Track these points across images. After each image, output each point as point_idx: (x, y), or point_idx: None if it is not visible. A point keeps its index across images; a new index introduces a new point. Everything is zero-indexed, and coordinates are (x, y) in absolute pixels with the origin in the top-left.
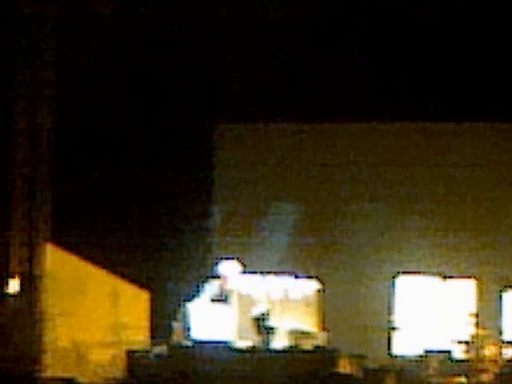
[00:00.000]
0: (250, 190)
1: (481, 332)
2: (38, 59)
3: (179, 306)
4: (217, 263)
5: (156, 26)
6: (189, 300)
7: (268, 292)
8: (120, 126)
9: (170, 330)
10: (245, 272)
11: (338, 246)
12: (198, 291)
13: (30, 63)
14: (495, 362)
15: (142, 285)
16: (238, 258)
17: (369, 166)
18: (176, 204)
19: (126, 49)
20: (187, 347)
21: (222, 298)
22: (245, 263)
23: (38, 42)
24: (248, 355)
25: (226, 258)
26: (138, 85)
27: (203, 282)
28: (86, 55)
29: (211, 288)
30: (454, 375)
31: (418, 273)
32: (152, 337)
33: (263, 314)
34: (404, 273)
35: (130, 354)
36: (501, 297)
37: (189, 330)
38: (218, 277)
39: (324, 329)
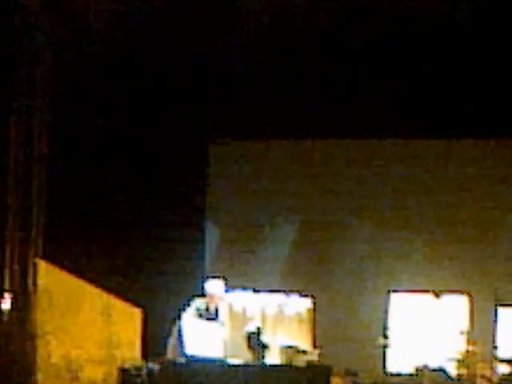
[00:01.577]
0: (243, 207)
1: (474, 349)
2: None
3: (172, 323)
4: (203, 282)
5: (149, 43)
6: (181, 317)
7: (261, 309)
8: (114, 145)
9: (163, 347)
10: (238, 289)
11: (330, 263)
12: (189, 309)
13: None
14: (489, 379)
15: (135, 302)
16: (224, 277)
17: (363, 183)
18: (170, 221)
19: (124, 61)
20: (180, 364)
21: (211, 316)
22: (238, 280)
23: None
24: (241, 372)
25: (213, 277)
26: (132, 101)
27: (190, 300)
28: (84, 62)
29: (198, 306)
30: None
31: (411, 290)
32: (145, 354)
33: (256, 331)
34: (397, 290)
35: (123, 371)
36: (494, 313)
37: (182, 346)
38: (204, 295)
39: (317, 345)
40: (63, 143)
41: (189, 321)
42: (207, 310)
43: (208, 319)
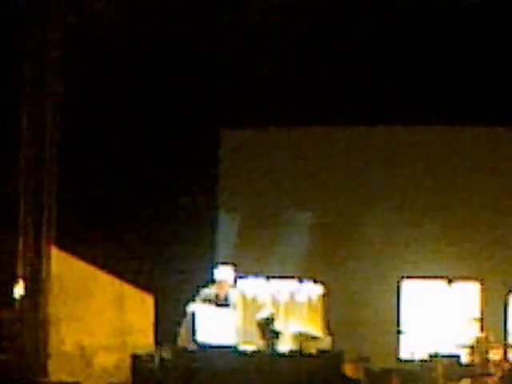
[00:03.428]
0: (255, 194)
1: (486, 335)
2: (42, 59)
3: (184, 309)
4: (213, 268)
5: (161, 28)
6: (192, 304)
7: (273, 296)
8: (125, 130)
9: (175, 334)
10: (250, 275)
11: (342, 250)
12: (198, 296)
13: (35, 63)
14: (501, 365)
15: (146, 288)
16: (234, 264)
17: (374, 170)
18: (181, 207)
19: (131, 50)
20: (192, 351)
21: (222, 302)
22: (250, 267)
23: (42, 40)
24: (253, 359)
25: (223, 264)
26: (144, 88)
27: (202, 287)
28: (91, 58)
29: (208, 293)
30: (460, 379)
31: (424, 276)
32: (157, 341)
33: (268, 318)
34: (409, 277)
35: (136, 357)
36: (506, 300)
37: (194, 333)
38: (214, 282)
39: (329, 332)
40: (75, 130)
41: (200, 308)
42: (217, 296)
43: (219, 306)
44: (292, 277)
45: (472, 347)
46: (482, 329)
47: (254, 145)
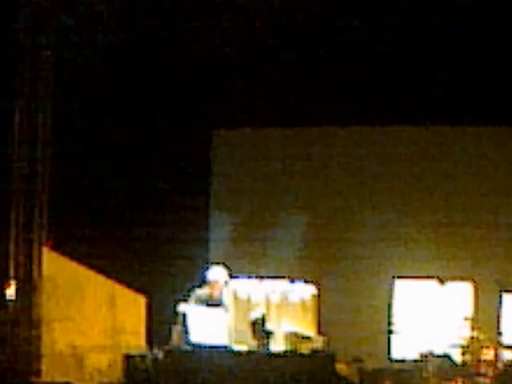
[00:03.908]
0: (248, 194)
1: (479, 335)
2: (36, 59)
3: (177, 310)
4: (207, 269)
5: (156, 30)
6: (185, 304)
7: (266, 295)
8: (118, 130)
9: (167, 334)
10: (242, 276)
11: (335, 250)
12: (191, 296)
13: (29, 63)
14: (493, 365)
15: (139, 289)
16: (226, 264)
17: (367, 171)
18: (173, 209)
19: (126, 52)
20: (185, 351)
21: (215, 303)
22: (242, 267)
23: (36, 41)
24: (246, 359)
25: (216, 264)
26: (140, 89)
27: (194, 287)
28: (86, 57)
29: (200, 293)
30: (452, 378)
31: (416, 276)
32: (149, 341)
33: (260, 318)
34: (402, 277)
35: (128, 358)
36: (499, 299)
37: (187, 334)
38: (207, 282)
39: (322, 332)
40: (68, 129)
41: (193, 308)
42: (210, 297)
43: (212, 306)
44: (285, 277)
45: (464, 347)
46: (474, 328)
47: (248, 145)
